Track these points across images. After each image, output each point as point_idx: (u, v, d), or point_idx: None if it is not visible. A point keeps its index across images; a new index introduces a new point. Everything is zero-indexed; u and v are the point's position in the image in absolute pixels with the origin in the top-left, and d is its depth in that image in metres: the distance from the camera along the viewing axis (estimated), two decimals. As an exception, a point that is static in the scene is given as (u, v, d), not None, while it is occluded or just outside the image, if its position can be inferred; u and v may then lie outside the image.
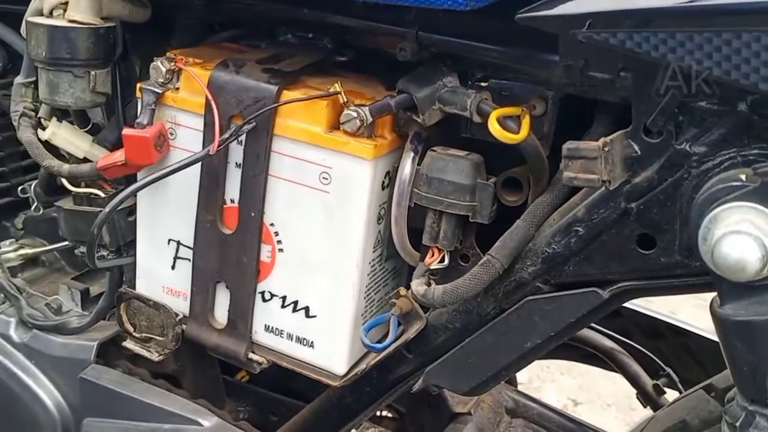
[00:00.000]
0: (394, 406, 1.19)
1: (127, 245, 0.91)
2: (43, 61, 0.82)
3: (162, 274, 0.86)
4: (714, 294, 0.58)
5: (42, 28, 0.80)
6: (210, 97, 0.74)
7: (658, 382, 1.11)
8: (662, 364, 1.12)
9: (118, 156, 0.80)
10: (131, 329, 0.87)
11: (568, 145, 0.59)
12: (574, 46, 0.61)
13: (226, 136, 0.74)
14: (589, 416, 2.39)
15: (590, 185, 0.60)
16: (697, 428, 0.80)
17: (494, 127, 0.65)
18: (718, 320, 0.55)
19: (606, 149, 0.58)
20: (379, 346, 0.75)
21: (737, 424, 0.57)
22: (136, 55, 0.92)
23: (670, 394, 1.12)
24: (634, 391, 1.14)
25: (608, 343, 1.15)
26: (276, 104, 0.73)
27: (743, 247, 0.49)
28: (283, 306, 0.80)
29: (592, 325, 1.16)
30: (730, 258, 0.49)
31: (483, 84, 0.70)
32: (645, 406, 1.12)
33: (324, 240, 0.76)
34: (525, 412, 1.14)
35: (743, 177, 0.52)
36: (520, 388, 2.63)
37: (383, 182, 0.75)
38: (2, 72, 1.00)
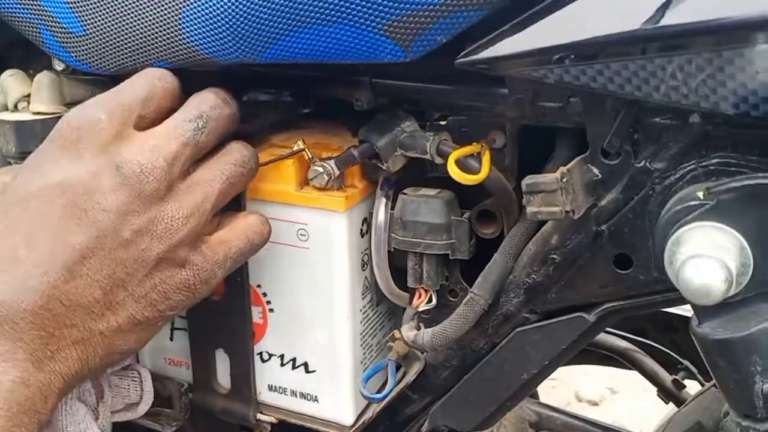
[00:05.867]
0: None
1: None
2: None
3: (163, 347, 0.86)
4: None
5: (8, 124, 0.80)
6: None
7: (677, 377, 1.09)
8: (679, 358, 1.11)
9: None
10: (140, 405, 0.87)
11: (527, 181, 0.59)
12: (519, 81, 0.61)
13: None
14: (628, 403, 2.38)
15: (554, 218, 0.59)
16: (713, 429, 0.79)
17: (453, 171, 0.64)
18: (698, 340, 0.55)
19: (564, 180, 0.58)
20: (378, 396, 0.75)
21: (733, 440, 0.56)
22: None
23: (693, 387, 1.11)
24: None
25: (623, 344, 1.14)
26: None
27: (706, 272, 0.48)
28: (282, 364, 0.80)
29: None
30: (693, 283, 0.48)
31: (442, 123, 0.70)
32: (667, 402, 1.10)
33: (311, 295, 0.76)
34: (549, 424, 1.13)
35: (700, 195, 0.51)
36: (556, 382, 2.61)
37: (361, 230, 0.75)
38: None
